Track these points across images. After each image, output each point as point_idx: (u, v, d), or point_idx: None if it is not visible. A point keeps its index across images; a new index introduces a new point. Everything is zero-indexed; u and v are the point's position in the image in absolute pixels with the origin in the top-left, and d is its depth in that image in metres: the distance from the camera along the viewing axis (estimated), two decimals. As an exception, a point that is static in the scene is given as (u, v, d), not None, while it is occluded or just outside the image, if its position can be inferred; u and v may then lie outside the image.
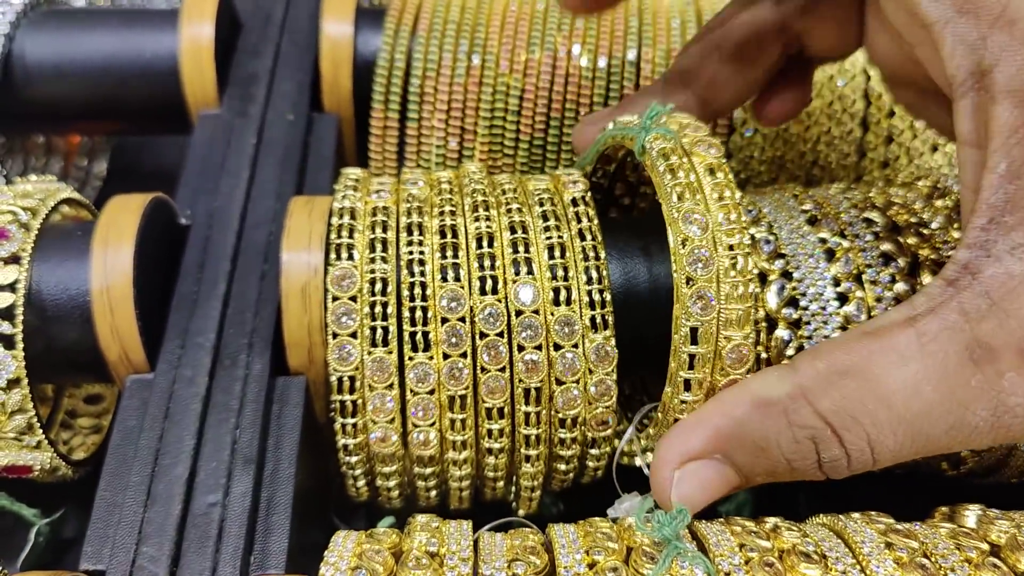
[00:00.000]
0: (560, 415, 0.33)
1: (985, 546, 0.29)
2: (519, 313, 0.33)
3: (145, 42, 0.44)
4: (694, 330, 0.30)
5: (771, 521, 0.31)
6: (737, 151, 0.45)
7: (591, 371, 0.33)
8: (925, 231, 0.36)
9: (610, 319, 0.33)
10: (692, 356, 0.30)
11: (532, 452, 0.34)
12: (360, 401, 0.33)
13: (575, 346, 0.33)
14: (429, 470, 0.35)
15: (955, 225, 0.36)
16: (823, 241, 0.35)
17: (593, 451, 0.35)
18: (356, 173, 0.37)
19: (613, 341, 0.33)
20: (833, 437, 0.27)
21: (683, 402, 0.30)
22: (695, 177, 0.31)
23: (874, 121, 0.45)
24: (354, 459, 0.35)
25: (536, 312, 0.33)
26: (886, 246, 0.35)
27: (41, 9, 0.47)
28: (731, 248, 0.30)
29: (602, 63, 0.44)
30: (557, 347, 0.33)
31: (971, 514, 0.31)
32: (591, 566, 0.27)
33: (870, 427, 0.26)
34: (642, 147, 0.32)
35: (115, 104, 0.45)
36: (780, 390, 0.27)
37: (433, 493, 0.37)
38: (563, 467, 0.35)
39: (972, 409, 0.26)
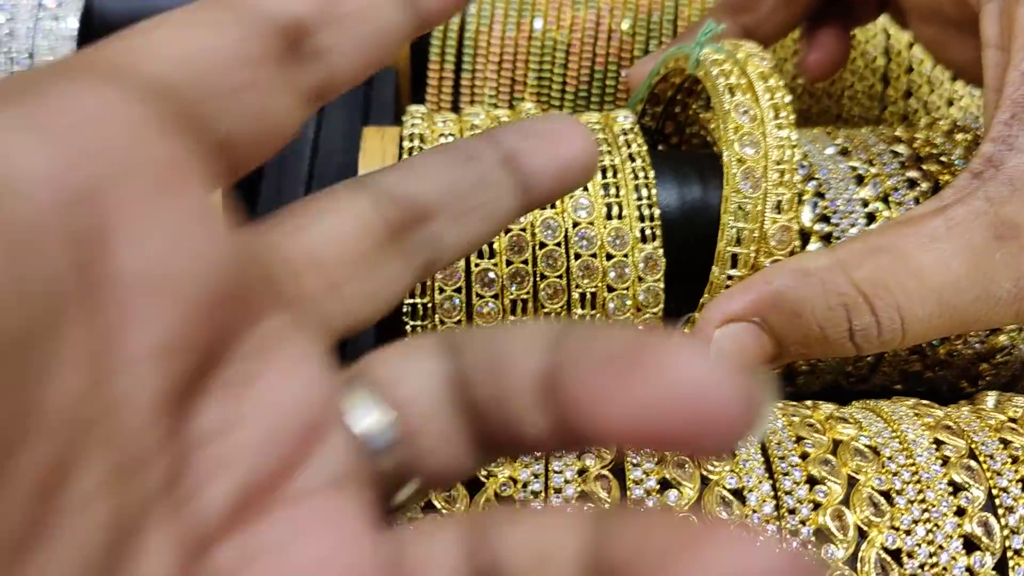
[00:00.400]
0: (611, 321, 0.36)
1: (1003, 416, 0.32)
2: (575, 224, 0.36)
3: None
4: (742, 206, 0.33)
5: (811, 401, 0.34)
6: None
7: (640, 279, 0.36)
8: (945, 159, 0.39)
9: (658, 232, 0.36)
10: (739, 231, 0.33)
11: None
12: (429, 304, 0.36)
13: (626, 256, 0.36)
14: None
15: (974, 154, 0.39)
16: (853, 168, 0.39)
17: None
18: (421, 109, 0.41)
19: (661, 251, 0.36)
20: (865, 304, 0.29)
21: (729, 278, 0.33)
22: (747, 82, 0.34)
23: (894, 76, 0.49)
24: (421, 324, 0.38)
25: (591, 224, 0.36)
26: (911, 173, 0.38)
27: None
28: (779, 139, 0.33)
29: (641, 24, 0.48)
30: (609, 257, 0.36)
31: (990, 399, 0.34)
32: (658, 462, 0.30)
33: (901, 296, 0.29)
34: (696, 61, 0.36)
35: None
36: (818, 262, 0.30)
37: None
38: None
39: (997, 281, 0.29)
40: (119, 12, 0.48)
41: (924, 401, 0.33)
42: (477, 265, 0.36)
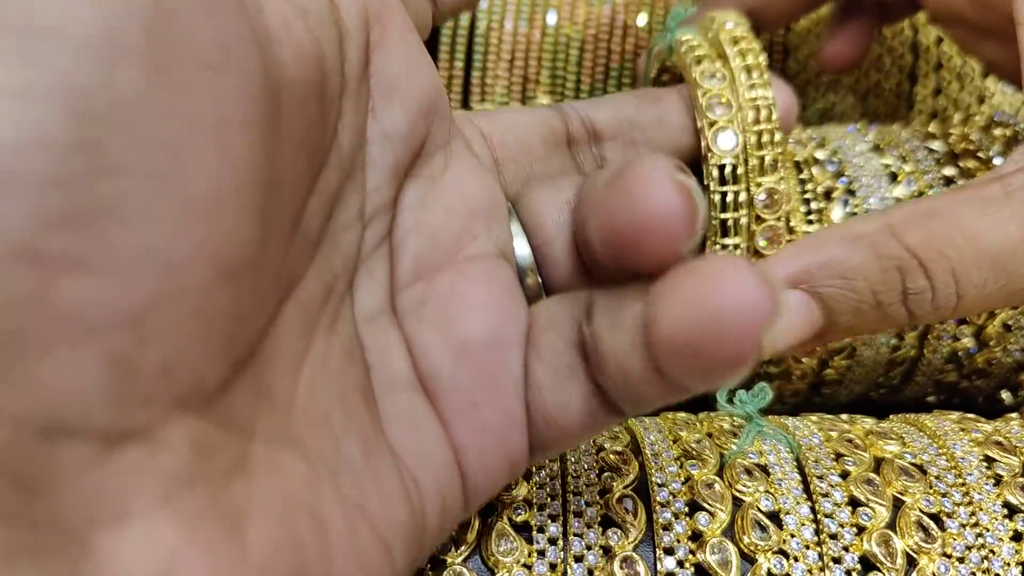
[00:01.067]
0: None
1: (1056, 431, 0.30)
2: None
3: None
4: (721, 168, 0.30)
5: (847, 416, 0.31)
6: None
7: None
8: (983, 155, 0.37)
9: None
10: (724, 195, 0.30)
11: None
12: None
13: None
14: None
15: (1012, 149, 0.37)
16: (886, 166, 0.36)
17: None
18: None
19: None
20: (919, 268, 0.27)
21: (723, 247, 0.31)
22: (716, 50, 0.32)
23: (922, 73, 0.46)
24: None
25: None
26: (947, 170, 0.36)
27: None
28: (753, 98, 0.30)
29: (658, 19, 0.45)
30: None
31: (1039, 412, 0.32)
32: (675, 440, 0.28)
33: (956, 261, 0.26)
34: (669, 48, 0.34)
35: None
36: (868, 226, 0.27)
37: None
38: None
39: None
40: None
41: (970, 415, 0.31)
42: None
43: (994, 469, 0.27)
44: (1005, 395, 0.39)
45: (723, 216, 0.30)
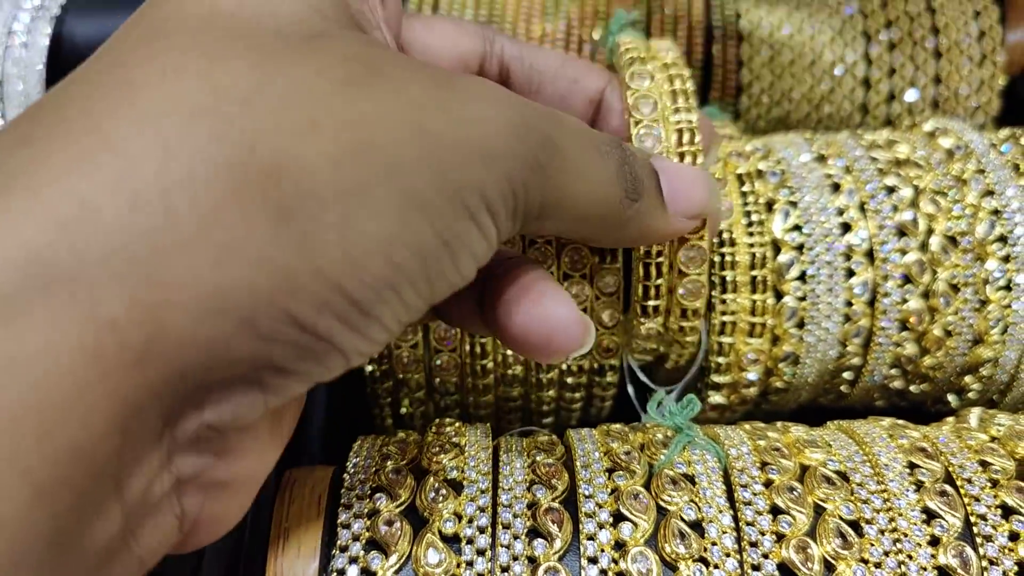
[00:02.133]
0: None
1: (984, 436, 0.30)
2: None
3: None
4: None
5: (783, 422, 0.32)
6: (744, 112, 0.47)
7: (599, 297, 0.34)
8: (923, 162, 0.37)
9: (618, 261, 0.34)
10: None
11: (544, 377, 0.35)
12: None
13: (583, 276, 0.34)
14: (452, 398, 0.37)
15: (954, 157, 0.37)
16: (829, 176, 0.37)
17: (600, 379, 0.36)
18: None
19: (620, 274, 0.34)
20: None
21: (647, 254, 0.31)
22: (649, 54, 0.33)
23: (875, 80, 0.47)
24: (381, 386, 0.37)
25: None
26: (889, 179, 0.37)
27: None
28: (678, 123, 0.31)
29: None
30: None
31: (973, 416, 0.33)
32: (606, 452, 0.29)
33: None
34: (611, 51, 0.34)
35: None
36: None
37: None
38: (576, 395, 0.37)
39: None
40: (88, 39, 0.47)
41: (901, 421, 0.32)
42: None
43: (916, 475, 0.28)
44: (952, 399, 0.40)
45: None
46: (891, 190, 0.36)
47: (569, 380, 0.36)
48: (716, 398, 0.37)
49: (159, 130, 0.18)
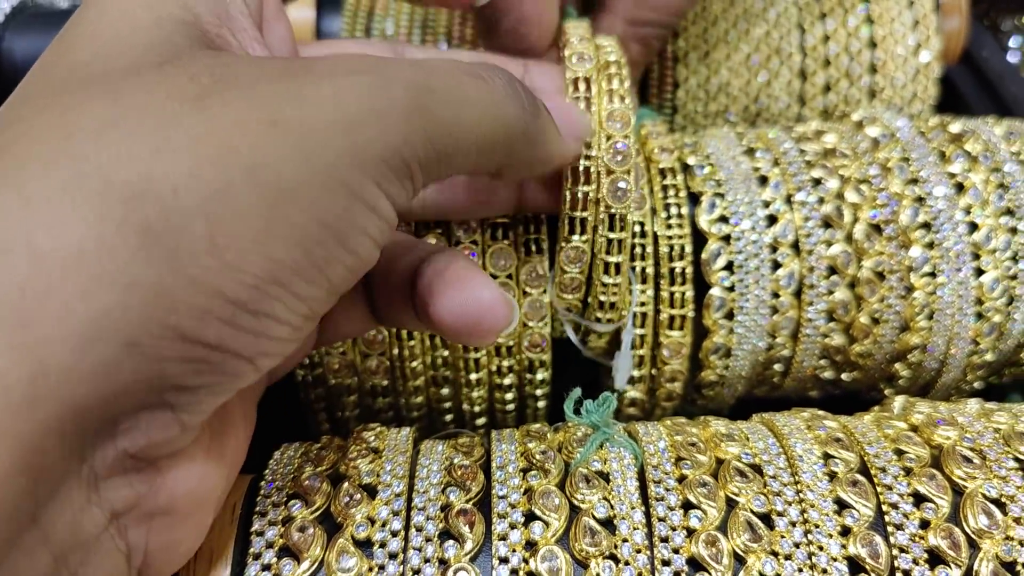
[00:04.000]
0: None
1: (903, 424, 0.30)
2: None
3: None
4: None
5: (705, 416, 0.32)
6: (682, 106, 0.47)
7: (525, 293, 0.34)
8: (850, 153, 0.37)
9: (544, 245, 0.34)
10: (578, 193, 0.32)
11: (472, 377, 0.36)
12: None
13: (509, 277, 0.34)
14: (385, 400, 0.37)
15: (880, 145, 0.38)
16: (756, 168, 0.37)
17: (531, 376, 0.36)
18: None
19: (546, 264, 0.34)
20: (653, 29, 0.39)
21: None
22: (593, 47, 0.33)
23: (811, 72, 0.47)
24: (314, 392, 0.37)
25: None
26: (816, 172, 0.37)
27: (28, 11, 0.49)
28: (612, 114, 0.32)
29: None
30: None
31: (897, 404, 0.33)
32: (522, 453, 0.29)
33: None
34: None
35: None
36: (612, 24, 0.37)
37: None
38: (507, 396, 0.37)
39: None
40: (26, 54, 0.47)
41: (822, 412, 0.32)
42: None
43: (829, 466, 0.28)
44: (885, 387, 0.40)
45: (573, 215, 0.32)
46: (817, 182, 0.37)
47: (498, 380, 0.36)
48: (633, 392, 0.37)
49: (18, 183, 0.19)
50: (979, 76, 0.50)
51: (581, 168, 0.31)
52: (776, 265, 0.36)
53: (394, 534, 0.26)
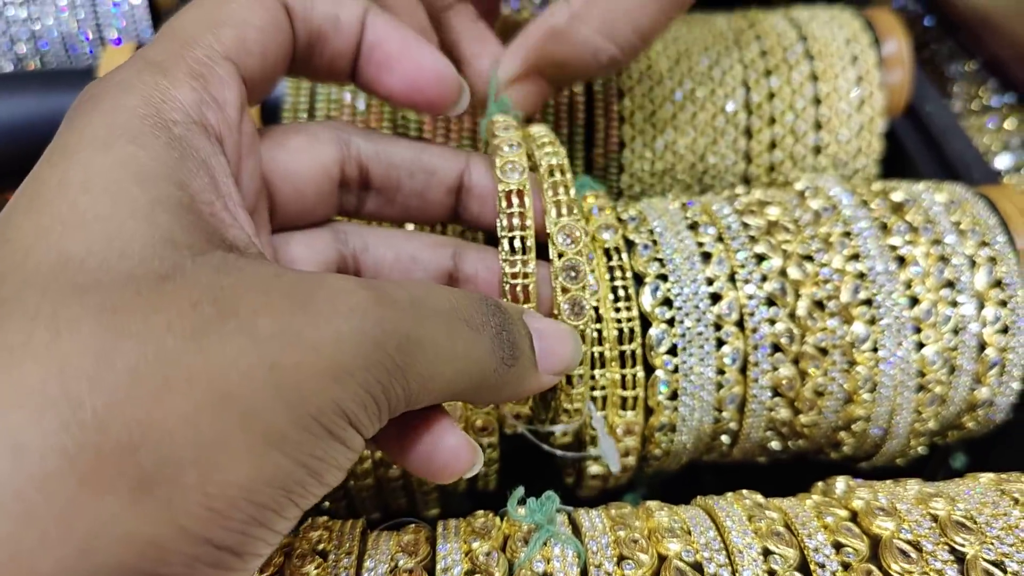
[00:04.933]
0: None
1: (844, 512, 0.31)
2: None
3: (64, 101, 0.46)
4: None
5: (649, 504, 0.32)
6: (628, 165, 0.47)
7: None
8: (793, 225, 0.38)
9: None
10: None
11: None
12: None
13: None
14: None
15: (822, 219, 0.38)
16: (700, 244, 0.37)
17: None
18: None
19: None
20: (606, 43, 0.36)
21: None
22: (521, 134, 0.34)
23: (756, 129, 0.48)
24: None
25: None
26: (759, 247, 0.37)
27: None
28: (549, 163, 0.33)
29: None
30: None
31: (839, 484, 0.33)
32: (467, 553, 0.29)
33: (629, 31, 0.36)
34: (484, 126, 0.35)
35: (35, 162, 0.47)
36: (559, 18, 0.36)
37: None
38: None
39: None
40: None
41: (763, 500, 0.32)
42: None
43: (769, 563, 0.28)
44: (831, 452, 0.40)
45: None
46: (760, 258, 0.37)
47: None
48: (594, 468, 0.37)
49: (9, 427, 0.18)
50: (923, 131, 0.51)
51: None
52: (720, 343, 0.36)
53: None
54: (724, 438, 0.38)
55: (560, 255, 0.31)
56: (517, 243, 0.31)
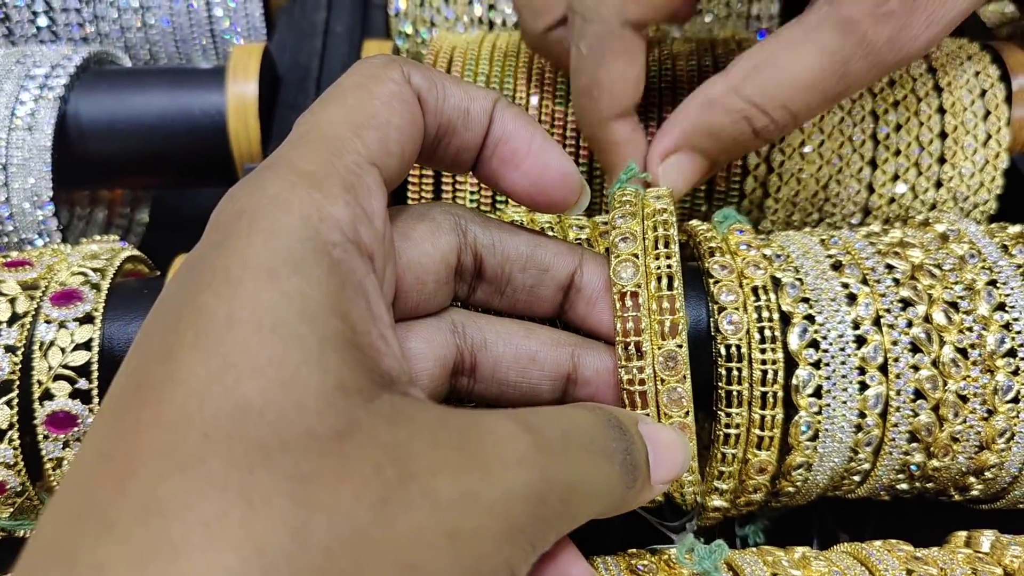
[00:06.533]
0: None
1: (999, 570, 0.31)
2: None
3: (193, 100, 0.47)
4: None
5: (800, 550, 0.33)
6: (750, 192, 0.47)
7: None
8: (937, 272, 0.38)
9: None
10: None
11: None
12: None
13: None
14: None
15: (967, 266, 0.38)
16: (845, 286, 0.38)
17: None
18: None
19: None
20: (759, 112, 0.38)
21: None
22: (639, 206, 0.35)
23: (882, 159, 0.48)
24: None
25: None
26: (904, 292, 0.37)
27: (93, 70, 0.49)
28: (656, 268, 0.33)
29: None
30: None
31: (986, 540, 0.34)
32: (637, 597, 0.30)
33: (784, 98, 0.38)
34: (612, 195, 0.36)
35: (164, 159, 0.48)
36: (716, 89, 0.38)
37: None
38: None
39: (852, 61, 0.38)
40: (92, 119, 0.47)
41: (919, 553, 0.33)
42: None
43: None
44: (956, 495, 0.41)
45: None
46: (905, 304, 0.37)
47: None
48: (718, 502, 0.38)
49: None
50: (1044, 166, 0.51)
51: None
52: (864, 386, 0.36)
53: None
54: (855, 477, 0.39)
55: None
56: (632, 348, 0.32)
